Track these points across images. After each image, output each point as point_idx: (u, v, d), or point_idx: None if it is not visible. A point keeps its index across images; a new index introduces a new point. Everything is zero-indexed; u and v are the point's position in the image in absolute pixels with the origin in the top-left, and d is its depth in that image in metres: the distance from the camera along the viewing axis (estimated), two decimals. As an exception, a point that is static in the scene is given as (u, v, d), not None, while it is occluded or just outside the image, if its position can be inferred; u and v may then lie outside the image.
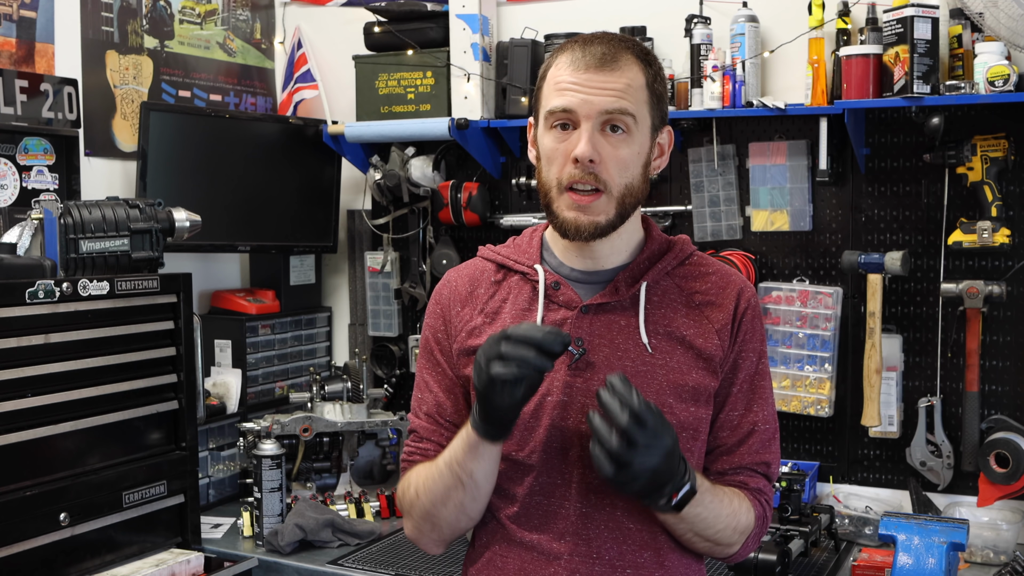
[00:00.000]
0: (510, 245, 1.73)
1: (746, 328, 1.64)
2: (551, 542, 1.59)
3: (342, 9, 3.61)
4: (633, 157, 1.57)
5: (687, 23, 3.00)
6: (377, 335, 3.59)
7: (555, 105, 1.55)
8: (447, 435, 1.67)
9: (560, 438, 1.58)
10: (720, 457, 1.66)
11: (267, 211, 3.38)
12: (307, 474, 3.14)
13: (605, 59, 1.55)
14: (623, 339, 1.59)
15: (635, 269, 1.63)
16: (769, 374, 1.70)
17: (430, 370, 1.71)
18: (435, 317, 1.72)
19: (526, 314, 1.63)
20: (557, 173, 1.56)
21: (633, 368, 1.58)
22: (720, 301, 1.63)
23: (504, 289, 1.67)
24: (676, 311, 1.62)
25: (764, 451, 1.66)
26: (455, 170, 3.44)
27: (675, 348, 1.59)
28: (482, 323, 1.65)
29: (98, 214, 2.44)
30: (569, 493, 1.58)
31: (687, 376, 1.58)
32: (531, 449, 1.59)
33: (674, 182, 3.15)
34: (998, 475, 2.62)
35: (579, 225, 1.56)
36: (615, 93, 1.54)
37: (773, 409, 1.69)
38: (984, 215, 2.70)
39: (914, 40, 2.60)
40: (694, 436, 1.60)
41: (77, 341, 2.32)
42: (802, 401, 2.93)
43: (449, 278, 1.74)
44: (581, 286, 1.63)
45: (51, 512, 2.23)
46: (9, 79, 2.78)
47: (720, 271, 1.68)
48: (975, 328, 2.74)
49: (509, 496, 1.62)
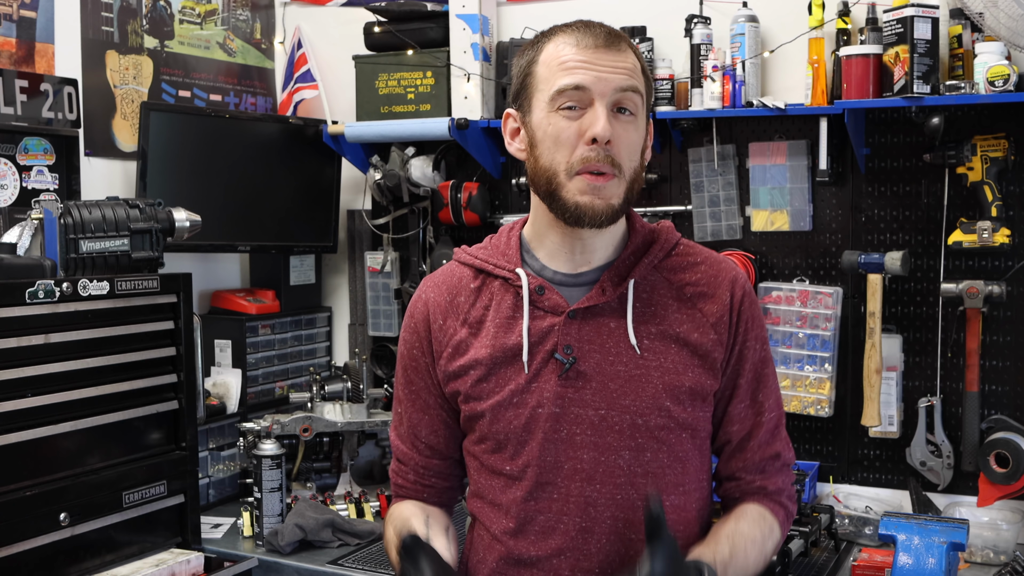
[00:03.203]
0: (487, 246, 1.66)
1: (746, 317, 1.60)
2: (550, 559, 1.54)
3: (342, 9, 3.61)
4: (639, 141, 1.54)
5: (687, 23, 3.00)
6: (377, 335, 3.59)
7: (566, 83, 1.49)
8: (422, 460, 1.68)
9: (555, 452, 1.54)
10: (732, 457, 1.63)
11: (267, 211, 3.38)
12: (307, 474, 3.14)
13: (611, 39, 1.51)
14: (613, 343, 1.55)
15: (620, 267, 1.57)
16: (771, 358, 1.67)
17: (404, 387, 1.68)
18: (411, 332, 1.66)
19: (511, 322, 1.57)
20: (567, 157, 1.50)
21: (626, 373, 1.53)
22: (713, 291, 1.58)
23: (485, 295, 1.61)
24: (667, 307, 1.57)
25: (774, 441, 1.64)
26: (455, 170, 3.44)
27: (669, 347, 1.55)
28: (467, 336, 1.60)
29: (98, 214, 2.44)
30: (567, 508, 1.54)
31: (683, 376, 1.55)
32: (524, 463, 1.55)
33: (674, 182, 3.15)
34: (998, 475, 2.62)
35: (595, 209, 1.49)
36: (627, 72, 1.50)
37: (778, 393, 1.67)
38: (984, 215, 2.70)
39: (914, 40, 2.59)
40: (693, 435, 1.57)
41: (77, 341, 2.32)
42: (802, 401, 2.93)
43: (424, 289, 1.67)
44: (566, 289, 1.58)
45: (51, 512, 2.23)
46: (9, 79, 2.78)
47: (708, 259, 1.63)
48: (975, 328, 2.74)
49: (504, 511, 1.58)
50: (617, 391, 1.54)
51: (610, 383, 1.54)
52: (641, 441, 1.54)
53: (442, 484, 1.72)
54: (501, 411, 1.56)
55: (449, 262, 1.70)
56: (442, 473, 1.71)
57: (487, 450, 1.60)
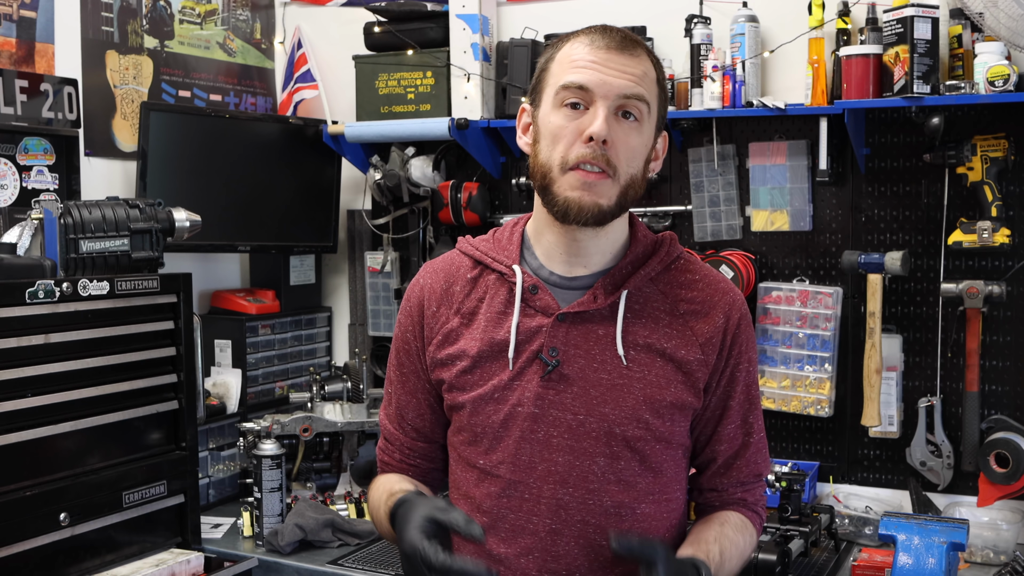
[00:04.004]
0: (489, 239, 1.66)
1: (740, 340, 1.60)
2: (518, 558, 1.55)
3: (342, 9, 3.61)
4: (640, 148, 1.53)
5: (687, 23, 3.00)
6: (377, 335, 3.59)
7: (570, 80, 1.50)
8: (408, 441, 1.69)
9: (529, 451, 1.54)
10: (717, 473, 1.64)
11: (267, 211, 3.38)
12: (307, 474, 3.13)
13: (625, 43, 1.52)
14: (599, 350, 1.54)
15: (616, 275, 1.57)
16: (758, 379, 1.69)
17: (396, 369, 1.70)
18: (406, 315, 1.67)
19: (501, 318, 1.58)
20: (563, 152, 1.50)
21: (609, 381, 1.53)
22: (707, 311, 1.58)
23: (480, 288, 1.62)
24: (658, 321, 1.56)
25: (759, 461, 1.66)
26: (455, 170, 3.44)
27: (654, 361, 1.55)
28: (459, 325, 1.61)
29: (98, 214, 2.44)
30: (538, 509, 1.54)
31: (665, 391, 1.54)
32: (499, 460, 1.56)
33: (674, 182, 3.15)
34: (998, 475, 2.62)
35: (582, 205, 1.49)
36: (633, 78, 1.50)
37: (762, 414, 1.69)
38: (984, 215, 2.70)
39: (914, 40, 2.60)
40: (669, 446, 1.57)
41: (77, 341, 2.32)
42: (802, 401, 2.93)
43: (423, 274, 1.68)
44: (560, 291, 1.58)
45: (51, 512, 2.23)
46: (9, 79, 2.78)
47: (707, 278, 1.62)
48: (975, 328, 2.74)
49: (476, 504, 1.58)
50: (598, 398, 1.54)
51: (592, 389, 1.54)
52: (616, 449, 1.54)
53: (427, 465, 1.72)
54: (481, 405, 1.57)
55: (451, 250, 1.71)
56: (427, 455, 1.72)
57: (464, 441, 1.61)
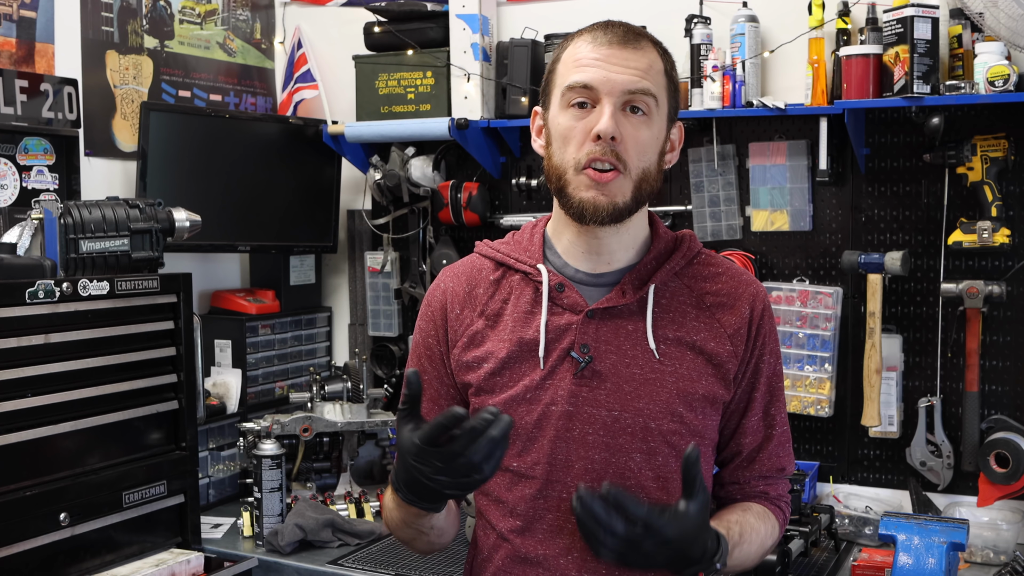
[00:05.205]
0: (509, 241, 1.66)
1: (764, 332, 1.61)
2: (558, 558, 1.54)
3: (342, 9, 3.61)
4: (652, 141, 1.53)
5: (687, 23, 3.00)
6: (377, 335, 3.59)
7: (575, 80, 1.50)
8: None
9: (565, 450, 1.54)
10: (740, 467, 1.64)
11: (267, 211, 3.38)
12: (307, 474, 3.13)
13: (628, 37, 1.51)
14: (630, 345, 1.55)
15: (642, 270, 1.58)
16: (783, 372, 1.68)
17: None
18: (427, 320, 1.66)
19: (529, 317, 1.57)
20: (574, 153, 1.50)
21: (641, 376, 1.54)
22: (733, 304, 1.59)
23: (504, 289, 1.61)
24: (686, 314, 1.57)
25: (782, 455, 1.66)
26: (455, 170, 3.44)
27: (684, 354, 1.55)
28: (483, 327, 1.60)
29: (98, 214, 2.44)
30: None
31: (697, 384, 1.55)
32: (534, 461, 1.55)
33: (674, 182, 3.15)
34: (998, 475, 2.62)
35: (598, 205, 1.49)
36: (638, 72, 1.50)
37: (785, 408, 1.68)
38: (984, 215, 2.70)
39: (914, 40, 2.60)
40: (700, 439, 1.57)
41: (77, 341, 2.32)
42: (802, 401, 2.93)
43: (444, 278, 1.67)
44: (586, 288, 1.58)
45: (51, 512, 2.23)
46: (9, 79, 2.78)
47: (730, 271, 1.63)
48: (975, 328, 2.74)
49: (510, 509, 1.57)
50: (631, 393, 1.54)
51: (625, 385, 1.54)
52: (653, 444, 1.54)
53: None
54: (514, 406, 1.56)
55: (470, 254, 1.70)
56: None
57: None
